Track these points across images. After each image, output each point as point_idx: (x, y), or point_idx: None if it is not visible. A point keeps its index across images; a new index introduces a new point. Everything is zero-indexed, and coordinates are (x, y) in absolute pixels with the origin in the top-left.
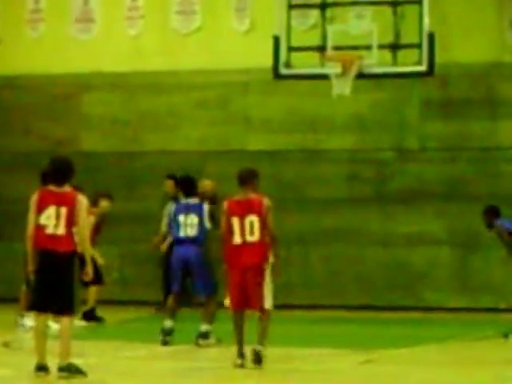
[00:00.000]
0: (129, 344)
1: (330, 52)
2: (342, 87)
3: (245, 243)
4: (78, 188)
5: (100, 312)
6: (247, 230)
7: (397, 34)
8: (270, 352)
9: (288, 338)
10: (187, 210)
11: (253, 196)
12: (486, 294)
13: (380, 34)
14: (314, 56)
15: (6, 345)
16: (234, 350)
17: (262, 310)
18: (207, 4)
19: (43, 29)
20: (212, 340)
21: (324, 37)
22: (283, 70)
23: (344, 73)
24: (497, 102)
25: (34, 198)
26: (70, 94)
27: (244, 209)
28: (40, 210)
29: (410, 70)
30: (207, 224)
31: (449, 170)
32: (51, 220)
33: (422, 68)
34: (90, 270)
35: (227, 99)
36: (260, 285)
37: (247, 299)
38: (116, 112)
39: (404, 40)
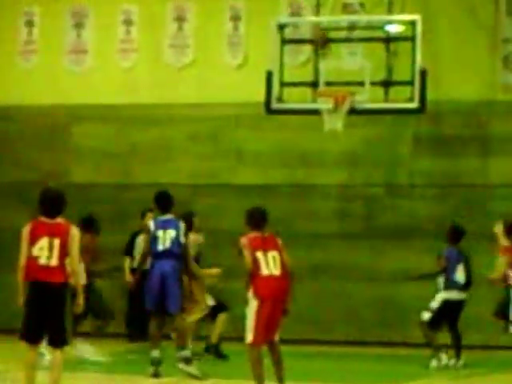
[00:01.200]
0: (117, 376)
1: (322, 88)
2: (334, 123)
3: (271, 276)
4: None
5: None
6: (271, 263)
7: (389, 71)
8: None
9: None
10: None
11: (267, 234)
12: (474, 331)
13: (372, 71)
14: (307, 91)
15: None
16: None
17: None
18: (200, 38)
19: (36, 60)
20: (195, 369)
21: (316, 72)
22: (275, 105)
23: (336, 108)
24: (488, 139)
25: (26, 230)
26: (62, 125)
27: (265, 244)
28: (33, 241)
29: (401, 106)
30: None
31: (439, 206)
32: (44, 251)
33: (414, 105)
34: (81, 301)
35: (218, 133)
36: (281, 317)
37: (270, 331)
38: (107, 144)
39: (396, 77)
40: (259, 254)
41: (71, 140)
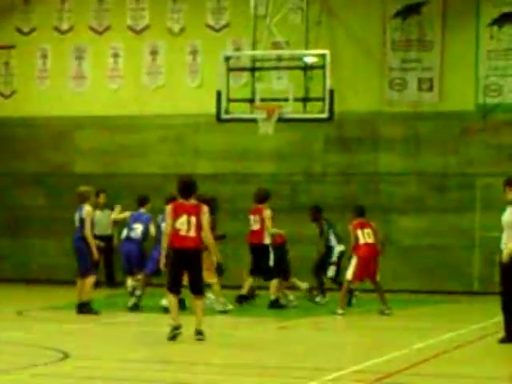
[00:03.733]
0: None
1: (257, 102)
2: (267, 128)
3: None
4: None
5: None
6: (366, 235)
7: (306, 90)
8: (219, 321)
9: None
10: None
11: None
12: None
13: (294, 90)
14: (246, 105)
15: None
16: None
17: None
18: (169, 67)
19: (48, 83)
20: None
21: (253, 92)
22: (224, 116)
23: (268, 118)
24: (378, 139)
25: (170, 208)
26: (67, 131)
27: (365, 225)
28: (175, 217)
29: (315, 116)
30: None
31: (343, 189)
32: (184, 225)
33: (325, 115)
34: (214, 258)
35: (183, 136)
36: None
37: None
38: (101, 144)
39: (312, 95)
40: (359, 231)
41: (74, 141)
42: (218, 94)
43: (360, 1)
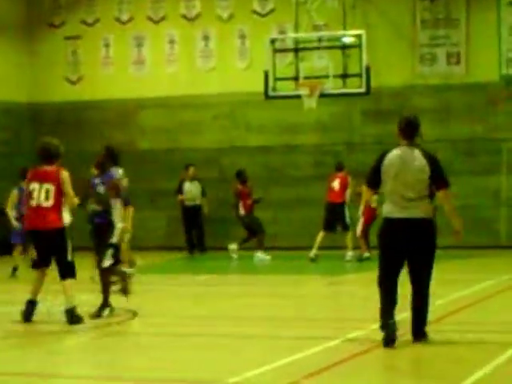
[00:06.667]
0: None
1: (301, 80)
2: (310, 103)
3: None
4: None
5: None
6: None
7: (345, 68)
8: (270, 279)
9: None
10: None
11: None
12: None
13: (334, 68)
14: (291, 83)
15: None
16: None
17: None
18: (220, 51)
19: (112, 69)
20: None
21: (297, 70)
22: (271, 93)
23: (311, 94)
24: (411, 110)
25: None
26: (130, 111)
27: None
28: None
29: (354, 91)
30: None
31: None
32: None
33: (362, 90)
34: None
35: (234, 113)
36: None
37: None
38: (160, 123)
39: (350, 71)
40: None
41: (137, 121)
42: (266, 74)
43: None
